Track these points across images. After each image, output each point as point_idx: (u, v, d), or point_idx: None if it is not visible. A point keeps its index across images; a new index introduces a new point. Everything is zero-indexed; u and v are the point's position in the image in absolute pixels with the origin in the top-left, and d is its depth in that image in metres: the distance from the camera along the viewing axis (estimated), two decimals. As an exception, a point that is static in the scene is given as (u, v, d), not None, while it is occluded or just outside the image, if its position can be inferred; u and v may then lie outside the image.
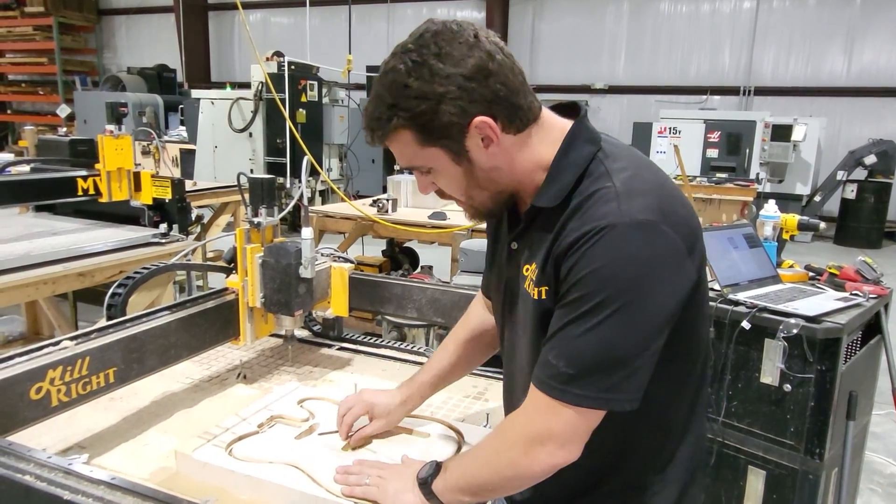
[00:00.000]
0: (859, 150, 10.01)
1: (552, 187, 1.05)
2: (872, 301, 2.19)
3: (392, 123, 1.02)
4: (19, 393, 1.17)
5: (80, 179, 3.00)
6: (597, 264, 0.94)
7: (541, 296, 1.05)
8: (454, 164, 1.05)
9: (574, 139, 1.07)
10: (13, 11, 15.44)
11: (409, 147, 1.04)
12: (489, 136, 1.01)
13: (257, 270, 1.64)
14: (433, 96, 0.98)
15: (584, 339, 0.96)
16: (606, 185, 1.00)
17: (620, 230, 0.94)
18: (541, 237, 1.07)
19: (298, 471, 1.19)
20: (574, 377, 0.97)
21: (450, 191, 1.11)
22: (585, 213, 0.99)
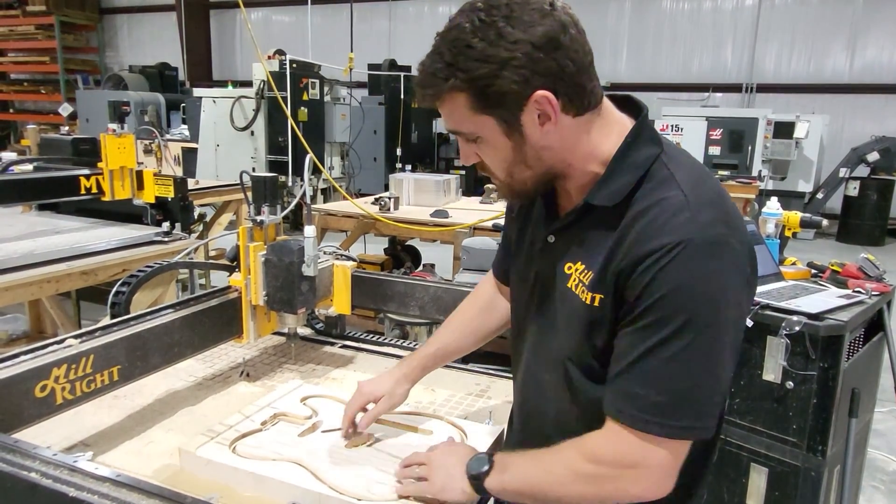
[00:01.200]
0: (862, 147, 9.98)
1: (610, 185, 0.99)
2: (875, 298, 2.19)
3: (448, 84, 0.95)
4: (24, 391, 1.17)
5: (82, 178, 3.01)
6: (676, 284, 0.90)
7: (593, 302, 1.00)
8: (504, 136, 0.98)
9: (637, 137, 1.01)
10: (15, 10, 15.45)
11: (461, 111, 0.98)
12: (547, 112, 0.95)
13: (260, 269, 1.64)
14: (496, 60, 0.91)
15: (673, 365, 0.91)
16: (674, 192, 0.95)
17: (697, 247, 0.90)
18: (594, 237, 1.02)
19: (302, 468, 1.20)
20: (668, 407, 0.92)
21: (492, 164, 1.04)
22: (654, 222, 0.93)
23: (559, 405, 1.12)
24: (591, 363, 1.04)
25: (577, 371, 1.06)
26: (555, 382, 1.11)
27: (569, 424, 1.09)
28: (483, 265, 3.58)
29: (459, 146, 1.06)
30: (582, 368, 1.06)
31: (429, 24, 13.82)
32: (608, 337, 1.00)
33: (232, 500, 1.15)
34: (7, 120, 16.58)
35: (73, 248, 2.77)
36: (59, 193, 3.06)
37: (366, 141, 10.12)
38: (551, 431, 1.12)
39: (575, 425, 1.07)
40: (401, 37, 14.03)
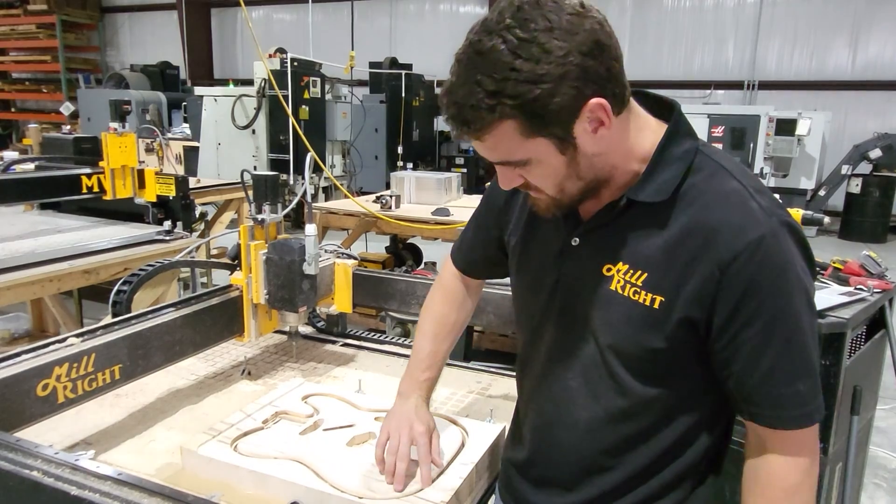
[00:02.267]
0: (864, 145, 9.97)
1: (656, 180, 0.96)
2: (877, 296, 2.17)
3: (496, 114, 0.86)
4: (26, 390, 1.18)
5: (84, 177, 3.01)
6: (777, 275, 0.91)
7: (653, 304, 0.96)
8: (559, 153, 0.92)
9: (676, 131, 0.99)
10: (16, 10, 15.48)
11: (510, 140, 0.90)
12: (601, 119, 0.89)
13: (261, 267, 1.64)
14: (549, 79, 0.83)
15: (804, 346, 0.94)
16: (734, 183, 0.94)
17: (779, 234, 0.91)
18: (638, 236, 0.98)
19: (303, 466, 1.20)
20: (815, 388, 0.96)
21: (542, 184, 0.97)
22: (730, 218, 0.91)
23: (590, 411, 1.07)
24: (646, 364, 1.01)
25: (625, 371, 1.02)
26: (585, 388, 1.07)
27: (600, 431, 1.07)
28: (484, 263, 3.57)
29: (499, 172, 0.99)
30: (632, 368, 1.02)
31: (430, 23, 13.82)
32: (666, 337, 0.97)
33: (233, 499, 1.15)
34: (9, 119, 16.61)
35: (74, 247, 2.78)
36: (61, 192, 3.07)
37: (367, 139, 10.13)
38: (579, 441, 1.09)
39: (607, 431, 1.06)
40: (402, 35, 14.02)
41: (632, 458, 1.07)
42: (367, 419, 1.40)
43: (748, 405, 0.98)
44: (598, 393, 1.06)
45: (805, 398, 0.95)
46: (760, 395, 0.96)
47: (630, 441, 1.06)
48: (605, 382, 1.05)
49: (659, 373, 1.02)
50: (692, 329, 0.97)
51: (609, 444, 1.07)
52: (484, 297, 1.90)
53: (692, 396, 1.04)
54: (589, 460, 1.10)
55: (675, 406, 1.04)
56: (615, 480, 1.09)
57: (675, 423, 1.05)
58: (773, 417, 0.96)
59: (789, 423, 0.96)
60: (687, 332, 0.97)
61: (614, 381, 1.04)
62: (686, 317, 0.95)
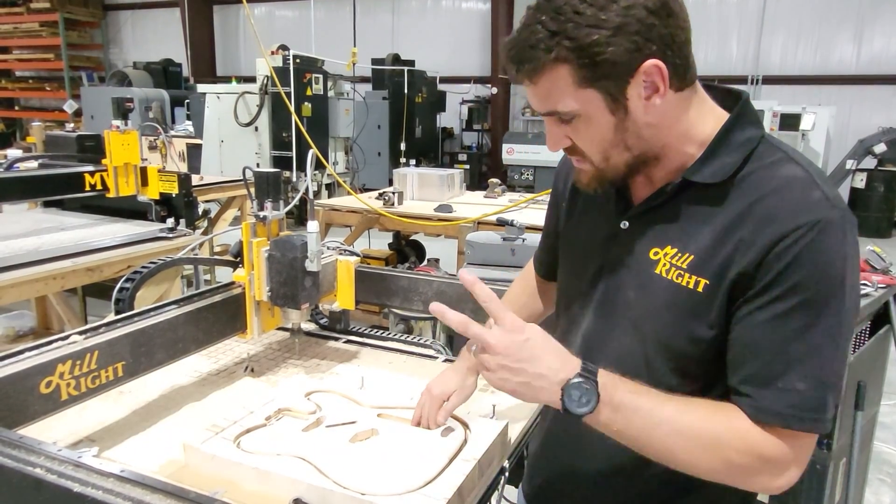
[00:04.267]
0: (869, 139, 9.92)
1: (714, 163, 0.94)
2: (881, 291, 2.18)
3: (552, 55, 0.87)
4: (29, 387, 1.18)
5: (87, 175, 3.02)
6: (820, 263, 0.85)
7: (697, 287, 0.92)
8: (608, 112, 0.91)
9: (741, 118, 0.97)
10: (19, 8, 15.51)
11: (562, 86, 0.89)
12: (656, 84, 0.89)
13: (263, 264, 1.64)
14: (610, 26, 0.84)
15: (826, 351, 0.86)
16: (798, 170, 0.91)
17: (836, 225, 0.86)
18: (689, 219, 0.95)
19: (306, 463, 1.20)
20: (822, 401, 0.87)
21: (587, 146, 0.96)
22: (787, 200, 0.88)
23: None
24: (684, 358, 0.97)
25: (663, 363, 0.98)
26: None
27: None
28: (487, 259, 3.58)
29: (548, 129, 0.97)
30: (670, 360, 0.98)
31: (432, 19, 13.80)
32: (710, 325, 0.93)
33: (236, 495, 1.15)
34: (12, 117, 16.65)
35: (78, 244, 2.79)
36: (64, 190, 3.07)
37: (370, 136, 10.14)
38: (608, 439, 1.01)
39: None
40: (404, 31, 14.01)
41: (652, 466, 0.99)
42: (370, 416, 1.40)
43: (743, 385, 0.91)
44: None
45: (802, 401, 0.87)
46: (756, 379, 0.89)
47: None
48: (640, 375, 0.99)
49: (697, 368, 0.97)
50: (730, 305, 0.92)
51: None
52: (486, 294, 1.90)
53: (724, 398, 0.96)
54: (616, 460, 1.05)
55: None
56: (640, 487, 1.05)
57: None
58: (764, 411, 0.89)
59: (780, 419, 0.88)
60: (726, 313, 0.92)
61: (649, 373, 0.99)
62: (728, 292, 0.91)
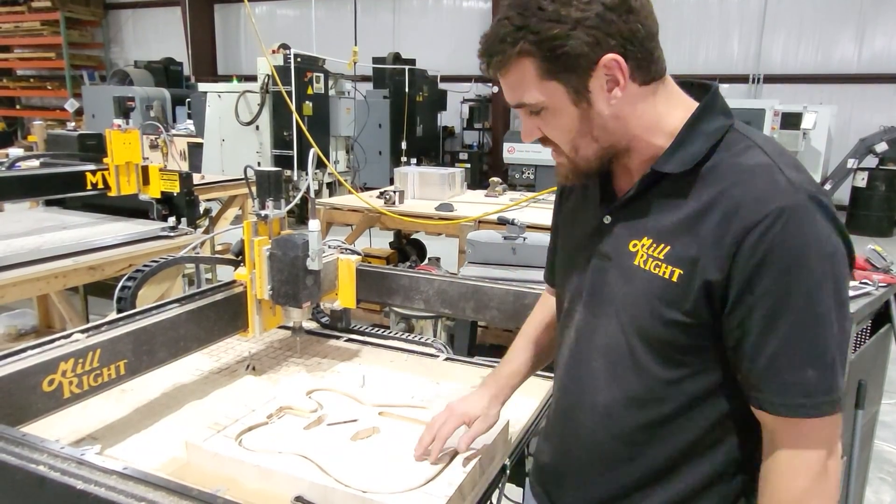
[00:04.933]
0: (870, 138, 9.91)
1: (681, 153, 0.96)
2: (882, 290, 2.17)
3: (517, 48, 0.92)
4: (32, 385, 1.18)
5: (88, 174, 3.03)
6: (796, 248, 0.87)
7: (672, 276, 0.95)
8: (572, 104, 0.95)
9: (709, 108, 0.99)
10: (21, 7, 15.53)
11: (528, 78, 0.94)
12: (616, 77, 0.93)
13: (265, 263, 1.65)
14: (569, 20, 0.89)
15: (820, 331, 0.88)
16: (762, 158, 0.93)
17: (804, 208, 0.87)
18: (662, 210, 0.98)
19: (307, 461, 1.20)
20: (828, 379, 0.89)
21: (557, 137, 1.00)
22: (752, 189, 0.90)
23: (610, 394, 1.05)
24: (665, 344, 0.99)
25: (644, 351, 1.00)
26: (607, 369, 1.05)
27: (619, 416, 1.04)
28: (488, 258, 3.58)
29: (522, 122, 1.02)
30: (651, 347, 1.00)
31: (433, 18, 13.79)
32: (684, 312, 0.95)
33: (238, 493, 1.16)
34: (14, 116, 16.66)
35: (79, 243, 2.80)
36: (66, 189, 3.08)
37: (371, 135, 10.14)
38: (596, 426, 1.07)
39: (625, 416, 1.04)
40: (405, 30, 14.00)
41: (650, 452, 1.04)
42: (371, 414, 1.40)
43: (755, 391, 0.94)
44: (617, 375, 1.04)
45: (812, 387, 0.89)
46: (766, 378, 0.92)
47: (649, 430, 1.03)
48: (624, 363, 1.03)
49: (680, 354, 0.99)
50: (709, 303, 0.94)
51: (626, 431, 1.04)
52: (487, 293, 1.91)
53: (715, 389, 0.99)
54: (605, 447, 1.07)
55: (696, 396, 1.00)
56: (630, 477, 1.06)
57: (696, 415, 1.00)
58: (777, 405, 0.91)
59: (792, 411, 0.90)
60: (705, 307, 0.94)
61: (633, 362, 1.02)
62: (703, 289, 0.93)
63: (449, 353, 1.91)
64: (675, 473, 1.03)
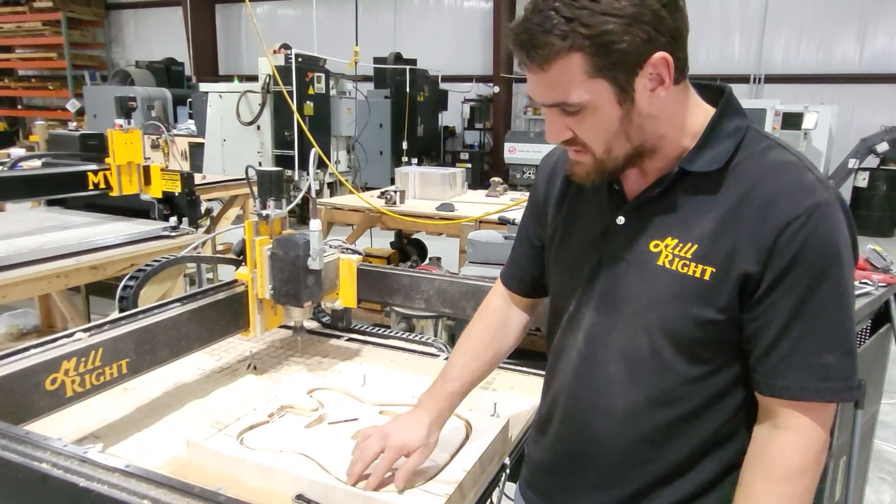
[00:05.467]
0: (871, 138, 9.89)
1: (708, 152, 0.97)
2: (882, 290, 2.18)
3: (567, 42, 0.86)
4: (35, 384, 1.19)
5: (90, 174, 3.04)
6: (827, 243, 0.91)
7: (703, 275, 0.95)
8: (616, 103, 0.92)
9: (727, 109, 1.01)
10: (22, 7, 15.54)
11: (573, 76, 0.89)
12: (662, 76, 0.91)
13: (266, 262, 1.65)
14: (624, 14, 0.85)
15: (842, 319, 0.93)
16: (789, 156, 0.96)
17: (832, 205, 0.92)
18: (688, 209, 0.98)
19: (308, 459, 1.21)
20: (848, 366, 0.93)
21: (591, 138, 0.96)
22: (785, 186, 0.92)
23: (630, 397, 1.04)
24: (695, 342, 0.98)
25: (672, 352, 0.99)
26: (625, 372, 1.04)
27: (640, 417, 1.04)
28: (489, 258, 3.59)
29: (548, 120, 0.97)
30: (680, 347, 0.99)
31: (434, 18, 13.79)
32: (719, 310, 0.95)
33: (239, 491, 1.16)
34: (15, 116, 16.68)
35: (82, 243, 2.81)
36: (68, 189, 3.10)
37: (372, 135, 10.15)
38: (616, 429, 1.06)
39: (647, 417, 1.03)
40: (406, 30, 14.00)
41: (672, 449, 1.03)
42: (372, 413, 1.41)
43: (774, 379, 0.95)
44: (638, 377, 1.03)
45: (835, 373, 0.92)
46: (787, 362, 0.93)
47: (671, 429, 1.03)
48: (646, 365, 1.01)
49: (707, 351, 0.99)
50: (742, 295, 0.95)
51: (649, 433, 1.04)
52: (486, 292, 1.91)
53: (735, 382, 1.01)
54: (627, 451, 1.06)
55: (717, 391, 1.01)
56: (653, 475, 1.05)
57: (717, 409, 1.01)
58: (793, 388, 0.93)
59: (814, 394, 0.93)
60: (737, 300, 0.95)
61: (657, 363, 1.01)
62: (739, 281, 0.94)
63: (449, 353, 1.91)
64: (697, 465, 1.04)
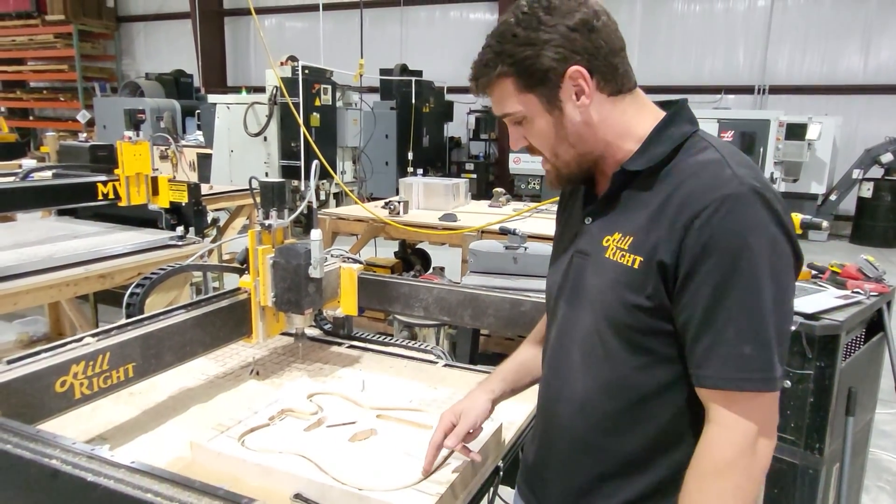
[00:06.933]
0: (876, 149, 9.92)
1: (646, 154, 1.08)
2: (873, 299, 2.21)
3: (497, 70, 1.07)
4: (45, 386, 1.25)
5: (100, 184, 3.11)
6: (733, 234, 0.95)
7: (633, 264, 1.04)
8: (547, 112, 1.08)
9: (676, 116, 1.11)
10: (35, 20, 15.76)
11: (508, 94, 1.09)
12: (582, 87, 1.05)
13: (269, 271, 1.71)
14: (538, 42, 1.03)
15: (757, 310, 0.95)
16: (713, 155, 1.04)
17: (745, 196, 0.96)
18: (630, 206, 1.08)
19: (306, 460, 1.25)
20: (765, 357, 0.95)
21: (539, 144, 1.13)
22: (700, 181, 1.00)
23: (585, 384, 1.13)
24: (627, 325, 1.06)
25: (613, 338, 1.07)
26: (584, 359, 1.13)
27: (593, 405, 1.12)
28: (490, 268, 3.63)
29: (510, 132, 1.15)
30: (618, 334, 1.07)
31: (440, 30, 13.90)
32: (647, 296, 1.02)
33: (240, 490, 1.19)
34: (27, 127, 16.88)
35: (91, 252, 2.87)
36: (78, 199, 3.16)
37: (377, 145, 10.22)
38: (573, 416, 1.14)
39: (599, 405, 1.11)
40: (412, 42, 14.12)
41: (624, 440, 1.10)
42: (370, 416, 1.45)
43: (698, 369, 1.00)
44: (591, 364, 1.12)
45: (749, 362, 0.96)
46: (708, 353, 0.98)
47: (620, 416, 1.09)
48: (597, 352, 1.11)
49: (642, 338, 1.05)
50: (665, 285, 1.01)
51: (601, 420, 1.11)
52: (484, 301, 1.96)
53: (679, 378, 1.05)
54: (583, 438, 1.14)
55: (663, 383, 1.06)
56: (607, 465, 1.11)
57: (665, 403, 1.07)
58: (714, 378, 0.98)
59: (727, 383, 0.97)
60: (662, 290, 1.02)
61: (605, 350, 1.09)
62: (659, 271, 1.01)
63: (447, 360, 1.95)
64: (650, 462, 1.10)
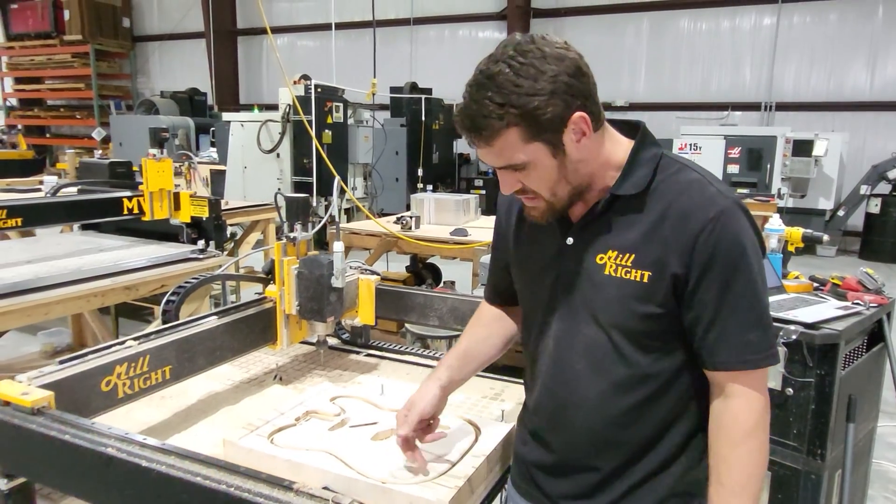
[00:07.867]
0: (883, 165, 9.96)
1: (631, 178, 1.18)
2: (873, 310, 2.28)
3: (503, 122, 1.08)
4: (92, 385, 1.35)
5: (125, 200, 3.23)
6: (733, 239, 1.13)
7: (643, 279, 1.16)
8: (552, 157, 1.13)
9: (643, 142, 1.22)
10: (53, 40, 16.11)
11: (513, 144, 1.11)
12: (583, 129, 1.12)
13: (293, 281, 1.81)
14: (543, 92, 1.07)
15: (755, 301, 1.14)
16: (695, 175, 1.19)
17: (732, 209, 1.14)
18: (621, 226, 1.19)
19: (332, 457, 1.34)
20: (769, 341, 1.16)
21: (538, 187, 1.17)
22: (694, 200, 1.14)
23: (598, 386, 1.23)
24: (643, 334, 1.19)
25: (626, 343, 1.20)
26: (590, 367, 1.23)
27: (609, 404, 1.23)
28: (500, 281, 3.70)
29: (500, 177, 1.19)
30: (631, 339, 1.19)
31: (449, 48, 14.10)
32: (658, 304, 1.16)
33: (271, 483, 1.29)
34: (44, 144, 17.18)
35: (116, 264, 2.98)
36: (105, 214, 3.28)
37: (388, 162, 10.36)
38: (590, 416, 1.24)
39: (615, 401, 1.22)
40: (422, 60, 14.32)
41: (639, 428, 1.23)
42: (390, 417, 1.53)
43: (713, 357, 1.17)
44: (602, 369, 1.22)
45: (757, 346, 1.15)
46: (722, 342, 1.15)
47: (635, 411, 1.22)
48: (609, 358, 1.21)
49: (654, 340, 1.20)
50: (675, 292, 1.16)
51: (617, 416, 1.22)
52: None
53: (684, 367, 1.21)
54: (601, 435, 1.25)
55: (669, 374, 1.21)
56: (625, 454, 1.24)
57: (671, 390, 1.21)
58: (733, 362, 1.16)
59: (747, 364, 1.15)
60: (672, 296, 1.16)
61: (618, 355, 1.21)
62: (671, 281, 1.15)
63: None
64: (662, 440, 1.24)
